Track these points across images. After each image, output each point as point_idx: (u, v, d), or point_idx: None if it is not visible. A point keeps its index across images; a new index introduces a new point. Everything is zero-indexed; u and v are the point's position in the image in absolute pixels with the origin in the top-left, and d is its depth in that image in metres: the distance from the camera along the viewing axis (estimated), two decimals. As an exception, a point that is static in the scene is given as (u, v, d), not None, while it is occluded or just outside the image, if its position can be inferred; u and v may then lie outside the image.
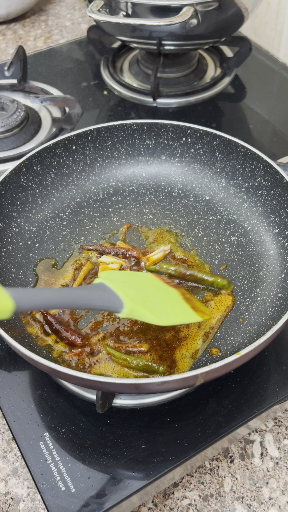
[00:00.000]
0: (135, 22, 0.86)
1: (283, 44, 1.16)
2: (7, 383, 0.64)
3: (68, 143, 0.77)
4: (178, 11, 0.84)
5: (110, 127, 0.78)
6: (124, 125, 0.79)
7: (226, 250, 0.72)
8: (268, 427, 0.67)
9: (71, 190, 0.79)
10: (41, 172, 0.76)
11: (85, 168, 0.79)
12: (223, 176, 0.78)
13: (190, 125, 0.78)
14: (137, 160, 0.81)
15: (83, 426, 0.60)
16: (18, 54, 1.03)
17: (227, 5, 0.88)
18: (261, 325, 0.63)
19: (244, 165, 0.75)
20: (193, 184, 0.80)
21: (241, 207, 0.76)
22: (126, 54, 1.16)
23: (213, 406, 0.61)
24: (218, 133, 0.76)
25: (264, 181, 0.73)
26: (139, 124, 0.79)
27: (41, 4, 1.46)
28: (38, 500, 0.61)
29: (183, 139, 0.79)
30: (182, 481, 0.63)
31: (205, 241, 0.73)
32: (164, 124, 0.78)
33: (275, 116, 1.02)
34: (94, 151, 0.79)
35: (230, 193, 0.77)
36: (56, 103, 0.98)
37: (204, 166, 0.79)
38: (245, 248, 0.72)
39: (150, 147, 0.81)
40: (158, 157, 0.81)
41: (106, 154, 0.80)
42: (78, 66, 1.16)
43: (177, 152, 0.80)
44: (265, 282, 0.67)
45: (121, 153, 0.81)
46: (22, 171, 0.74)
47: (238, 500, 0.61)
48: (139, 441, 0.58)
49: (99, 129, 0.78)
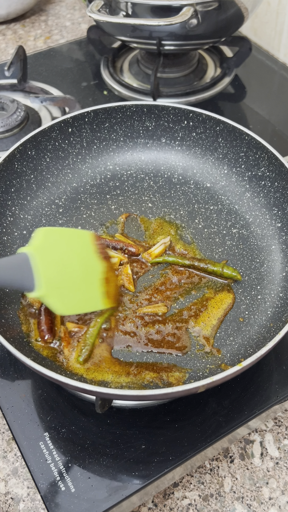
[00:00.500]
0: (135, 22, 0.86)
1: (283, 44, 1.16)
2: (7, 383, 0.63)
3: (64, 125, 0.74)
4: (178, 11, 0.84)
5: (108, 108, 0.75)
6: (123, 107, 0.76)
7: (227, 243, 0.70)
8: (268, 427, 0.67)
9: (67, 174, 0.76)
10: (36, 156, 0.73)
11: (82, 151, 0.77)
12: (226, 163, 0.75)
13: (193, 109, 0.75)
14: (136, 142, 0.78)
15: (83, 426, 0.60)
16: (18, 54, 1.03)
17: (227, 5, 0.87)
18: (261, 326, 0.62)
19: (248, 153, 0.73)
20: (193, 169, 0.77)
21: (243, 197, 0.73)
22: (126, 54, 1.16)
23: (213, 406, 0.61)
24: (222, 118, 0.73)
25: (268, 172, 0.71)
26: (139, 105, 0.76)
27: (41, 4, 1.46)
28: (38, 500, 0.61)
29: (185, 122, 0.76)
30: (182, 481, 0.63)
31: (205, 233, 0.72)
32: (165, 106, 0.75)
33: (275, 116, 1.02)
34: (91, 133, 0.76)
35: (232, 181, 0.75)
36: (56, 103, 0.98)
37: (206, 151, 0.76)
38: (246, 242, 0.70)
39: (149, 129, 0.77)
40: (157, 139, 0.78)
41: (103, 136, 0.77)
42: (78, 66, 1.16)
43: (178, 135, 0.77)
44: (265, 279, 0.67)
45: (119, 135, 0.77)
46: (16, 157, 0.71)
47: (238, 500, 0.61)
48: (139, 441, 0.58)
49: (97, 111, 0.75)
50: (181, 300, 0.66)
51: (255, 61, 1.16)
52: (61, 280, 0.56)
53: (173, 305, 0.65)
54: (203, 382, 0.49)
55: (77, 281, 0.58)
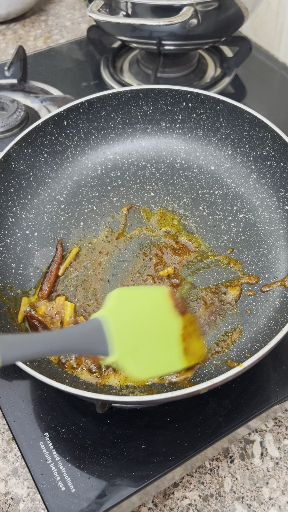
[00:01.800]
0: (135, 22, 0.86)
1: (283, 44, 1.16)
2: (7, 383, 0.63)
3: (58, 119, 0.73)
4: (178, 11, 0.84)
5: (103, 96, 0.74)
6: (118, 93, 0.74)
7: (233, 230, 0.68)
8: (268, 427, 0.67)
9: (66, 168, 0.75)
10: (33, 153, 0.72)
11: (80, 143, 0.75)
12: (229, 143, 0.73)
13: (190, 89, 0.73)
14: (135, 128, 0.76)
15: (83, 426, 0.60)
16: (18, 54, 1.03)
17: (227, 5, 0.87)
18: (269, 318, 0.61)
19: (251, 132, 0.70)
20: (196, 152, 0.75)
21: (249, 179, 0.71)
22: (126, 54, 1.16)
23: (213, 406, 0.61)
24: (221, 97, 0.71)
25: (273, 151, 0.69)
26: (134, 90, 0.74)
27: (41, 4, 1.46)
28: (38, 500, 0.60)
29: (183, 104, 0.74)
30: (182, 481, 0.63)
31: (210, 220, 0.69)
32: (161, 89, 0.74)
33: (275, 116, 1.02)
34: (87, 123, 0.74)
35: (237, 162, 0.73)
36: (56, 103, 0.98)
37: (208, 133, 0.74)
38: (253, 227, 0.68)
39: (148, 114, 0.75)
40: (157, 124, 0.76)
41: (101, 125, 0.75)
42: (78, 66, 1.16)
43: (178, 117, 0.75)
44: (273, 267, 0.64)
45: (117, 122, 0.76)
46: (12, 157, 0.70)
47: (238, 500, 0.61)
48: (139, 441, 0.58)
49: (91, 100, 0.74)
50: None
51: (255, 61, 1.16)
52: (136, 342, 0.52)
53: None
54: (203, 385, 0.49)
55: (153, 341, 0.54)
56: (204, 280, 0.65)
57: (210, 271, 0.66)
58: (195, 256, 0.67)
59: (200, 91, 0.73)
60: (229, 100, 0.71)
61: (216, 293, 0.64)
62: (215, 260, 0.66)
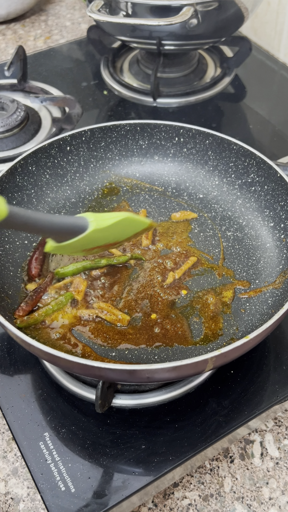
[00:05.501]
0: (135, 22, 0.86)
1: (283, 44, 1.16)
2: (7, 383, 0.64)
3: (62, 143, 0.77)
4: (178, 11, 0.84)
5: (104, 127, 0.79)
6: (118, 126, 0.79)
7: (223, 244, 0.73)
8: (268, 427, 0.67)
9: (65, 191, 0.79)
10: (36, 172, 0.76)
11: (79, 169, 0.80)
12: (216, 174, 0.79)
13: (183, 125, 0.78)
14: (131, 160, 0.82)
15: (83, 426, 0.60)
16: (18, 54, 1.03)
17: (227, 5, 0.88)
18: (263, 314, 0.63)
19: (237, 162, 0.76)
20: (186, 183, 0.80)
21: (235, 204, 0.77)
22: (126, 54, 1.16)
23: (213, 406, 0.61)
24: (210, 131, 0.77)
25: (258, 177, 0.74)
26: (132, 124, 0.79)
27: (41, 4, 1.46)
28: (38, 500, 0.61)
29: (176, 139, 0.79)
30: (182, 481, 0.63)
31: (201, 236, 0.74)
32: (157, 124, 0.79)
33: (275, 116, 1.02)
34: (88, 152, 0.80)
35: (223, 190, 0.78)
36: (56, 103, 0.98)
37: (197, 165, 0.80)
38: (241, 242, 0.73)
39: (143, 147, 0.81)
40: (151, 157, 0.82)
41: (99, 155, 0.81)
42: (78, 66, 1.16)
43: (170, 152, 0.81)
44: (263, 273, 0.68)
45: (115, 154, 0.81)
46: (18, 171, 0.73)
47: (238, 500, 0.61)
48: (139, 441, 0.58)
49: (93, 130, 0.78)
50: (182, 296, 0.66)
51: (255, 61, 1.16)
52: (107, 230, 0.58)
53: (180, 297, 0.65)
54: (211, 354, 0.49)
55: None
56: (199, 285, 0.68)
57: (204, 277, 0.69)
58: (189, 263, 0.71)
59: (191, 126, 0.78)
60: (217, 133, 0.76)
61: (212, 294, 0.68)
62: (209, 268, 0.70)
